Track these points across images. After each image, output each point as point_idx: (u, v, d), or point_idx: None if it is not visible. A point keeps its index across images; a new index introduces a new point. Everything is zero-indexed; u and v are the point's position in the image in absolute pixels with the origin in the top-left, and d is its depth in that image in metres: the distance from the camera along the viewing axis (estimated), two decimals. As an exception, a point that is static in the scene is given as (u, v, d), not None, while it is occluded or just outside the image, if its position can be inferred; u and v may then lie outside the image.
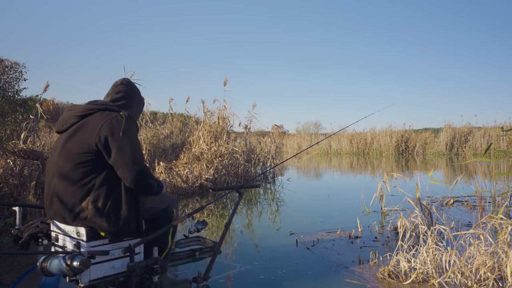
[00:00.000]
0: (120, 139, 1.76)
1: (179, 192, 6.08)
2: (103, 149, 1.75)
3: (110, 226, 1.72)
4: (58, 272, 1.59)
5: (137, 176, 1.78)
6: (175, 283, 2.13)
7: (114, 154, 1.75)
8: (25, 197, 3.79)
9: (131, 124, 1.83)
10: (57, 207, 1.75)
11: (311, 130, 33.97)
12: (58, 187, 1.76)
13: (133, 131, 1.85)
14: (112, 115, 1.81)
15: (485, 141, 18.11)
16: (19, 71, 6.99)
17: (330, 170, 11.52)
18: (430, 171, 4.56)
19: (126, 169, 1.76)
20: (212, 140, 7.77)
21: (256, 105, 8.93)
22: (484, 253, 2.36)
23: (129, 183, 1.78)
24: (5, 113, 6.62)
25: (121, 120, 1.80)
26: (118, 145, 1.75)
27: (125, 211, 1.76)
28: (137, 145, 1.83)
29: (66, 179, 1.74)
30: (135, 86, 2.10)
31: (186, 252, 2.91)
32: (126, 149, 1.76)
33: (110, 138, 1.75)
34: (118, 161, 1.75)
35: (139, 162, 1.80)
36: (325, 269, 2.68)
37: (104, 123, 1.77)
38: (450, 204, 5.11)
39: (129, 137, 1.78)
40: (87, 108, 1.85)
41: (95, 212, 1.69)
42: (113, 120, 1.79)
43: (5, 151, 4.39)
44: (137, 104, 2.10)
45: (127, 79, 2.07)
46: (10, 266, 2.67)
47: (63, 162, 1.77)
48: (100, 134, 1.75)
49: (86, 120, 1.83)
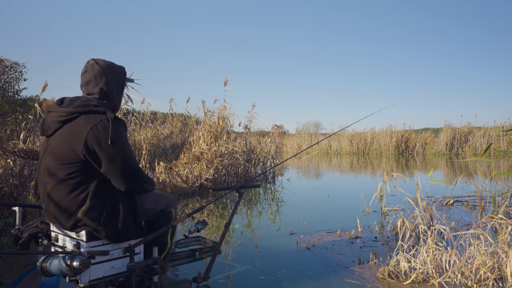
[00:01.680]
0: (109, 149, 1.66)
1: (179, 192, 6.08)
2: (92, 159, 1.67)
3: (109, 233, 1.70)
4: (58, 272, 1.59)
5: (132, 184, 1.74)
6: (175, 283, 2.13)
7: (105, 165, 1.67)
8: (25, 197, 3.79)
9: (118, 126, 1.71)
10: (55, 214, 1.73)
11: (311, 130, 34.01)
12: (54, 195, 1.71)
13: (122, 135, 1.72)
14: (97, 119, 1.67)
15: (485, 141, 18.11)
16: (19, 71, 7.00)
17: (330, 170, 11.52)
18: (430, 171, 4.56)
19: (120, 179, 1.70)
20: (212, 140, 7.77)
21: (256, 105, 8.95)
22: (484, 253, 2.36)
23: (124, 190, 1.74)
24: (5, 113, 6.63)
25: (107, 125, 1.66)
26: (108, 156, 1.66)
27: (123, 217, 1.73)
28: (127, 150, 1.74)
29: (60, 188, 1.69)
30: (104, 63, 1.83)
31: (186, 252, 2.91)
32: (117, 159, 1.68)
33: (98, 149, 1.65)
34: (110, 172, 1.69)
35: (132, 170, 1.74)
36: (325, 269, 2.68)
37: (90, 131, 1.65)
38: (450, 204, 5.11)
39: (118, 144, 1.68)
40: (68, 112, 1.70)
41: (92, 222, 1.67)
42: (98, 127, 1.66)
43: (5, 151, 4.39)
44: (116, 83, 1.86)
45: (91, 61, 1.82)
46: (10, 266, 2.67)
47: (55, 170, 1.69)
48: (87, 144, 1.64)
49: (70, 126, 1.70)
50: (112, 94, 1.85)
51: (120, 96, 1.92)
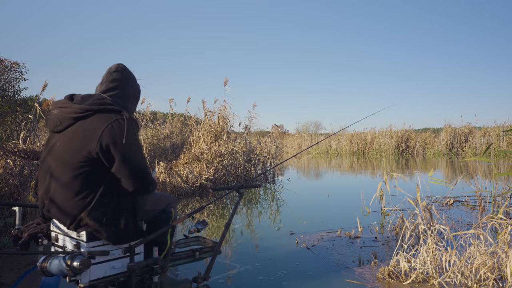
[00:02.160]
0: (123, 148, 1.66)
1: (179, 192, 6.09)
2: (104, 158, 1.66)
3: (110, 235, 1.70)
4: (58, 272, 1.59)
5: (141, 186, 1.75)
6: (175, 283, 2.13)
7: (118, 164, 1.67)
8: (25, 197, 3.79)
9: (132, 126, 1.73)
10: (56, 213, 1.73)
11: (311, 130, 33.93)
12: (58, 195, 1.70)
13: (135, 135, 1.75)
14: (113, 118, 1.68)
15: (485, 141, 18.10)
16: (19, 71, 7.00)
17: (330, 170, 11.52)
18: (430, 171, 4.56)
19: (130, 180, 1.71)
20: (212, 140, 7.77)
21: (256, 105, 8.95)
22: (484, 253, 2.36)
23: (132, 191, 1.75)
24: (5, 113, 6.63)
25: (122, 124, 1.68)
26: (121, 155, 1.67)
27: (124, 219, 1.73)
28: (140, 151, 1.77)
29: (65, 189, 1.67)
30: (131, 73, 1.94)
31: (186, 252, 2.91)
32: (130, 159, 1.69)
33: (112, 147, 1.65)
34: (121, 172, 1.69)
35: (143, 171, 1.75)
36: (325, 269, 2.68)
37: (105, 129, 1.65)
38: (450, 204, 5.11)
39: (132, 144, 1.70)
40: (83, 109, 1.69)
41: (94, 222, 1.67)
42: (114, 125, 1.66)
43: (5, 151, 4.39)
44: (133, 94, 1.94)
45: (122, 65, 1.91)
46: (10, 266, 2.67)
47: (62, 169, 1.68)
48: (101, 142, 1.64)
49: (83, 123, 1.69)
50: (129, 100, 1.91)
51: (133, 107, 1.98)
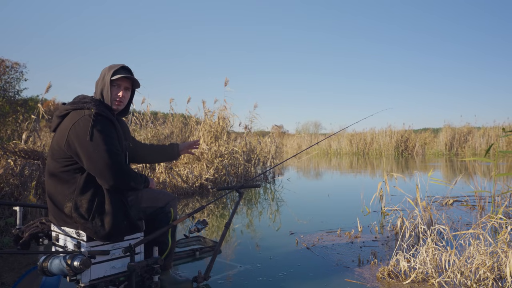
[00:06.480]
0: (88, 146, 1.64)
1: (179, 192, 6.09)
2: (74, 155, 1.67)
3: (98, 231, 1.68)
4: (59, 272, 1.60)
5: (116, 182, 1.70)
6: (176, 282, 2.13)
7: (86, 163, 1.66)
8: (26, 197, 3.80)
9: (100, 121, 1.68)
10: (52, 209, 1.77)
11: (311, 130, 33.91)
12: (50, 192, 1.76)
13: (103, 130, 1.68)
14: (80, 115, 1.69)
15: (484, 141, 18.12)
16: (20, 71, 7.01)
17: (330, 170, 11.52)
18: (429, 171, 4.56)
19: (102, 177, 1.68)
20: (212, 140, 7.78)
21: (257, 105, 8.95)
22: (483, 253, 2.37)
23: (108, 188, 1.72)
24: (6, 113, 6.64)
25: (88, 120, 1.65)
26: (87, 153, 1.64)
27: (111, 214, 1.69)
28: (109, 146, 1.68)
29: (53, 186, 1.73)
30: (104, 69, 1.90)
31: (186, 252, 2.92)
32: (97, 156, 1.64)
33: (78, 145, 1.65)
34: (91, 169, 1.67)
35: (114, 167, 1.68)
36: (325, 269, 2.68)
37: (72, 127, 1.67)
38: (449, 204, 5.11)
39: (98, 141, 1.65)
40: (65, 109, 1.76)
41: (80, 219, 1.67)
42: (80, 122, 1.66)
43: (6, 151, 4.40)
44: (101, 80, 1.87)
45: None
46: (10, 266, 2.67)
47: (51, 167, 1.75)
48: (68, 140, 1.66)
49: (63, 122, 1.75)
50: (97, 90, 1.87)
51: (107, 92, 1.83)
